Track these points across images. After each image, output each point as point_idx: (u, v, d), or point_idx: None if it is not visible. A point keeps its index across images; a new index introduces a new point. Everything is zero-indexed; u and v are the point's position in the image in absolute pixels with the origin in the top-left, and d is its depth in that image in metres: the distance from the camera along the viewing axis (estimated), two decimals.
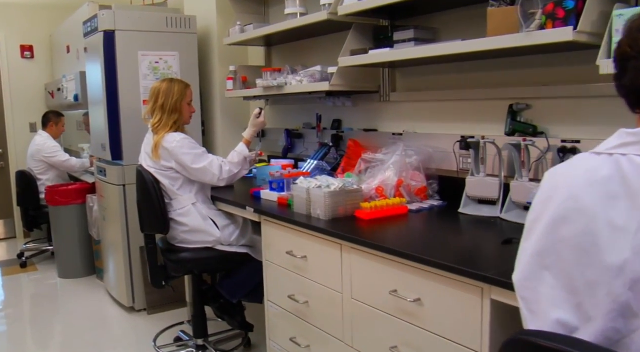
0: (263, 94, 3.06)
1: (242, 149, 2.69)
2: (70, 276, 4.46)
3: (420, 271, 1.60)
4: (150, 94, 2.64)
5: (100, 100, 3.52)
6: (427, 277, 1.59)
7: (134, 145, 3.44)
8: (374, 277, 1.78)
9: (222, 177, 2.56)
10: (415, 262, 1.61)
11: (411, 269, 1.63)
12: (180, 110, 2.63)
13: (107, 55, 3.41)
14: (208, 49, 3.81)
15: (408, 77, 2.65)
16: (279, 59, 3.56)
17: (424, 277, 1.60)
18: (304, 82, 2.71)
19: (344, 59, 2.45)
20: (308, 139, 3.23)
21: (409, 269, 1.64)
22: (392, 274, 1.70)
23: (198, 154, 2.54)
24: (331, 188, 2.07)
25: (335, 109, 3.08)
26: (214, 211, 2.65)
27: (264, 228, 2.35)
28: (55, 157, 4.73)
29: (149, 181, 2.53)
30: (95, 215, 4.11)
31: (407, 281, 1.66)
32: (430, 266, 1.55)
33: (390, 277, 1.71)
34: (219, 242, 2.59)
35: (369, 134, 2.80)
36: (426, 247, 1.73)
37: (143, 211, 2.64)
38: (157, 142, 2.53)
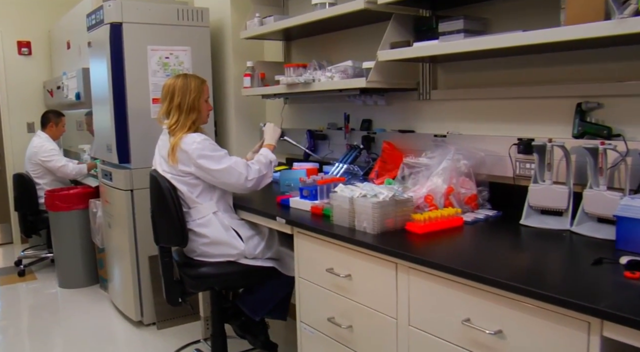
0: (286, 92, 2.81)
1: (267, 152, 2.44)
2: (72, 285, 4.19)
3: (502, 297, 1.36)
4: (164, 93, 2.38)
5: (106, 98, 3.26)
6: (510, 305, 1.34)
7: (142, 147, 3.20)
8: (439, 302, 1.54)
9: (250, 176, 2.30)
10: (495, 288, 1.36)
11: (490, 295, 1.39)
12: (198, 109, 2.38)
13: (113, 50, 3.15)
14: (221, 43, 3.56)
15: (451, 73, 2.41)
16: (299, 54, 3.31)
17: (506, 305, 1.35)
18: (335, 79, 2.46)
19: (384, 53, 2.20)
20: (333, 141, 2.98)
21: (487, 295, 1.39)
22: (464, 299, 1.46)
23: (220, 155, 2.29)
24: (380, 198, 1.82)
25: (365, 108, 2.83)
26: (236, 221, 2.39)
27: (298, 241, 2.10)
28: (50, 161, 4.45)
29: (165, 188, 2.27)
30: (98, 221, 3.85)
31: (483, 308, 1.41)
32: (518, 293, 1.30)
33: (461, 304, 1.47)
34: (243, 255, 2.34)
35: (405, 136, 2.56)
36: (502, 268, 1.48)
37: (158, 221, 2.38)
38: (174, 145, 2.27)
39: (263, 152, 2.44)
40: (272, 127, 2.58)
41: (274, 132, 2.56)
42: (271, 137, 2.53)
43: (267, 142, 2.51)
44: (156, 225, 2.40)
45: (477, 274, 1.39)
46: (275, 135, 2.55)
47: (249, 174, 2.30)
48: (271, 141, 2.52)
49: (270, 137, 2.53)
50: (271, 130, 2.56)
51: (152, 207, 2.43)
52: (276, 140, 2.55)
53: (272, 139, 2.53)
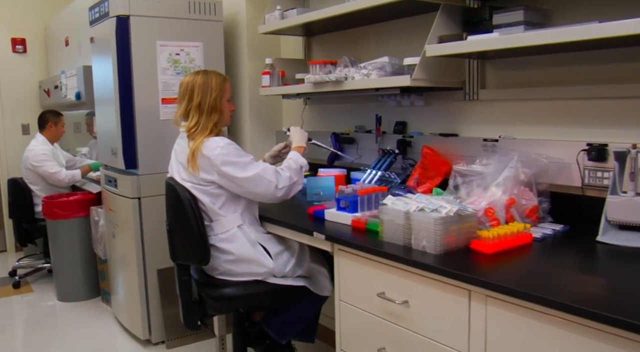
0: (312, 91, 2.56)
1: (297, 157, 2.18)
2: (71, 298, 3.92)
3: (623, 339, 1.11)
4: (182, 91, 2.13)
5: (110, 98, 2.99)
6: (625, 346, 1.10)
7: (150, 151, 2.95)
8: (530, 340, 1.29)
9: (280, 184, 2.05)
10: (609, 326, 1.12)
11: (604, 335, 1.14)
12: (220, 109, 2.13)
13: (119, 45, 2.88)
14: (235, 39, 3.30)
15: (503, 71, 2.17)
16: (321, 51, 3.06)
17: (630, 349, 1.11)
18: (372, 76, 2.22)
19: (433, 47, 1.96)
20: (362, 145, 2.73)
21: (599, 334, 1.15)
22: (566, 339, 1.22)
23: (246, 161, 2.03)
24: (442, 212, 1.58)
25: (399, 109, 2.58)
26: (264, 235, 2.14)
27: (339, 260, 1.85)
28: (42, 167, 4.11)
29: (184, 199, 2.02)
30: (101, 230, 3.57)
31: (588, 349, 1.17)
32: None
33: (562, 344, 1.23)
34: (272, 273, 2.09)
35: (447, 140, 2.32)
36: (605, 299, 1.24)
37: (176, 236, 2.13)
38: (194, 150, 2.02)
39: (292, 156, 2.19)
40: (299, 130, 2.33)
41: (302, 134, 2.32)
42: (300, 139, 2.29)
43: (296, 144, 2.26)
44: (173, 240, 2.14)
45: (586, 308, 1.14)
46: (303, 137, 2.31)
47: (279, 182, 2.05)
48: (301, 143, 2.27)
49: (300, 139, 2.29)
50: (299, 133, 2.32)
51: (168, 220, 2.17)
52: (305, 142, 2.30)
53: (301, 141, 2.28)
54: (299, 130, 2.32)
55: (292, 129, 2.34)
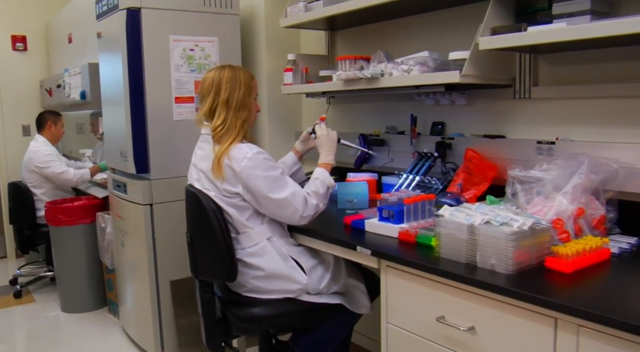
0: (342, 89, 2.35)
1: (325, 176, 1.96)
2: (76, 309, 3.70)
3: None
4: (206, 87, 1.92)
5: (120, 97, 2.79)
6: None
7: (163, 154, 2.76)
8: None
9: (305, 213, 1.84)
10: None
11: None
12: (249, 108, 1.92)
13: (130, 40, 2.68)
14: (252, 34, 3.10)
15: (558, 66, 1.97)
16: (346, 46, 2.86)
17: None
18: (414, 72, 2.01)
19: (487, 40, 1.75)
20: (394, 147, 2.53)
21: None
22: None
23: (276, 177, 1.82)
24: (514, 226, 1.38)
25: (437, 109, 2.38)
26: (295, 248, 1.94)
27: (387, 278, 1.65)
28: (48, 168, 3.92)
29: (209, 209, 1.81)
30: (108, 238, 3.36)
31: None
32: None
33: None
34: (305, 290, 1.88)
35: (494, 142, 2.12)
36: None
37: (198, 249, 1.92)
38: (220, 157, 1.81)
39: (320, 175, 1.95)
40: (327, 132, 2.08)
41: (330, 138, 2.08)
42: (329, 150, 2.04)
43: (325, 160, 2.02)
44: (195, 253, 1.94)
45: None
46: (333, 143, 2.07)
47: (304, 211, 1.84)
48: (329, 157, 2.03)
49: (329, 150, 2.04)
50: (327, 137, 2.07)
51: (189, 231, 1.96)
52: (335, 153, 2.07)
53: (330, 153, 2.04)
54: (326, 133, 2.08)
55: (319, 131, 2.10)
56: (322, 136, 2.06)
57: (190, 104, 2.83)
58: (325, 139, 2.05)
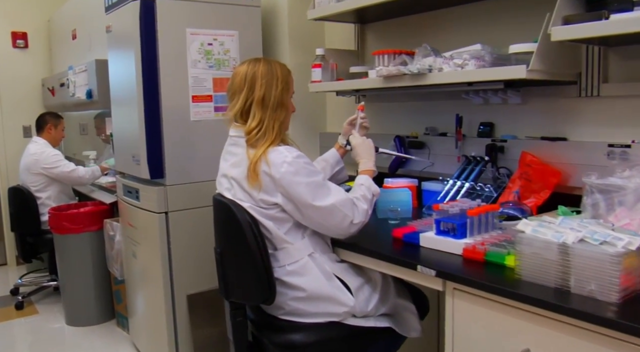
0: (381, 86, 2.14)
1: (370, 183, 1.76)
2: (82, 322, 3.48)
3: None
4: (237, 82, 1.69)
5: (131, 96, 2.57)
6: None
7: (180, 157, 2.55)
8: None
9: (356, 219, 1.63)
10: None
11: None
12: (286, 107, 1.71)
13: (144, 34, 2.46)
14: (274, 27, 2.88)
15: (632, 60, 1.75)
16: (377, 41, 2.64)
17: None
18: (469, 67, 1.79)
19: (562, 30, 1.53)
20: (435, 150, 2.31)
21: None
22: None
23: (318, 183, 1.61)
24: (618, 245, 1.16)
25: (485, 108, 2.16)
26: (339, 265, 1.72)
27: (455, 303, 1.43)
28: (57, 167, 3.74)
29: (244, 222, 1.59)
30: (117, 247, 3.14)
31: None
32: None
33: None
34: (352, 313, 1.67)
35: (554, 145, 1.90)
36: None
37: (230, 267, 1.70)
38: (256, 162, 1.59)
39: (365, 182, 1.75)
40: (363, 140, 1.89)
41: (367, 146, 1.88)
42: (369, 157, 1.85)
43: (366, 167, 1.82)
44: (226, 273, 1.71)
45: None
46: (371, 150, 1.87)
47: (355, 217, 1.63)
48: (370, 164, 1.83)
49: (368, 155, 1.85)
50: (364, 145, 1.87)
51: (219, 247, 1.74)
52: (374, 160, 1.87)
53: (370, 160, 1.84)
54: (362, 141, 1.88)
55: (354, 140, 1.90)
56: (358, 145, 1.86)
57: (209, 103, 2.61)
58: (361, 148, 1.85)
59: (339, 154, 2.03)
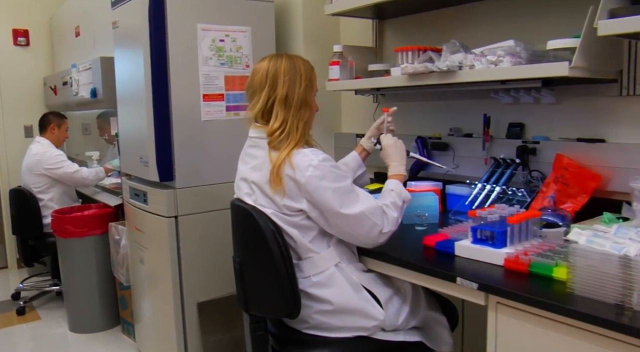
0: (405, 85, 2.02)
1: (401, 188, 1.64)
2: (85, 328, 3.36)
3: None
4: (258, 79, 1.58)
5: (139, 95, 2.46)
6: None
7: (190, 159, 2.45)
8: None
9: (386, 228, 1.53)
10: None
11: None
12: (310, 106, 1.60)
13: (154, 29, 2.35)
14: (288, 23, 2.77)
15: None
16: (396, 37, 2.53)
17: None
18: (504, 64, 1.68)
19: (610, 24, 1.42)
20: (459, 152, 2.21)
21: None
22: None
23: (346, 189, 1.50)
24: None
25: (515, 108, 2.05)
26: (367, 275, 1.61)
27: (499, 318, 1.32)
28: (60, 168, 3.63)
29: (267, 230, 1.48)
30: (122, 251, 3.03)
31: None
32: None
33: None
34: (381, 326, 1.56)
35: (590, 147, 1.79)
36: None
37: (251, 279, 1.59)
38: (279, 165, 1.48)
39: (395, 187, 1.63)
40: (394, 141, 1.77)
41: (399, 148, 1.76)
42: (400, 160, 1.73)
43: (396, 171, 1.70)
44: (246, 284, 1.60)
45: None
46: (402, 155, 1.76)
47: (384, 225, 1.52)
48: (400, 168, 1.71)
49: (399, 160, 1.73)
50: (395, 147, 1.75)
51: (239, 257, 1.63)
52: (405, 164, 1.75)
53: (400, 163, 1.72)
54: (394, 142, 1.76)
55: (385, 140, 1.78)
56: (389, 146, 1.74)
57: (220, 102, 2.50)
58: (392, 149, 1.73)
59: (360, 158, 1.92)
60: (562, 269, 1.27)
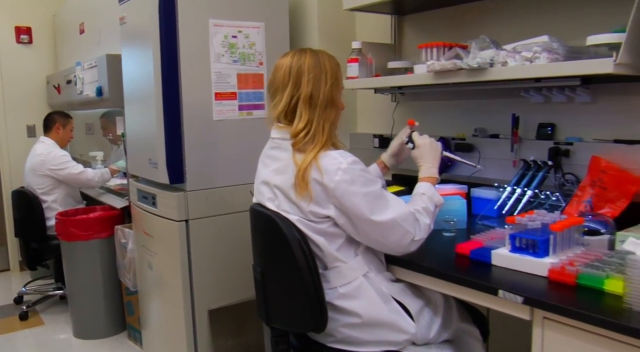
0: (431, 83, 1.92)
1: (433, 192, 1.54)
2: (90, 334, 3.27)
3: None
4: (280, 76, 1.48)
5: (148, 94, 2.36)
6: None
7: (202, 160, 2.36)
8: None
9: (418, 236, 1.43)
10: None
11: None
12: (337, 105, 1.50)
13: (164, 24, 2.25)
14: (302, 19, 2.67)
15: None
16: (416, 33, 2.43)
17: None
18: (541, 60, 1.58)
19: None
20: (485, 153, 2.11)
21: None
22: None
23: (377, 193, 1.40)
24: None
25: (545, 107, 1.95)
26: (396, 285, 1.51)
27: (544, 334, 1.22)
28: (65, 169, 3.53)
29: (292, 239, 1.38)
30: (129, 255, 2.93)
31: None
32: None
33: None
34: (412, 340, 1.46)
35: (629, 149, 1.69)
36: None
37: (274, 290, 1.49)
38: (305, 169, 1.38)
39: (427, 191, 1.53)
40: (431, 141, 1.66)
41: (434, 149, 1.65)
42: (433, 162, 1.62)
43: (429, 173, 1.59)
44: (268, 295, 1.50)
45: None
46: (437, 156, 1.64)
47: (416, 233, 1.43)
48: (433, 170, 1.60)
49: (431, 162, 1.61)
50: (430, 148, 1.64)
51: (259, 266, 1.53)
52: (438, 166, 1.64)
53: (434, 165, 1.61)
54: (430, 142, 1.65)
55: (420, 139, 1.66)
56: (424, 145, 1.63)
57: (232, 101, 2.41)
58: (427, 149, 1.62)
59: (379, 170, 1.82)
60: (615, 281, 1.17)
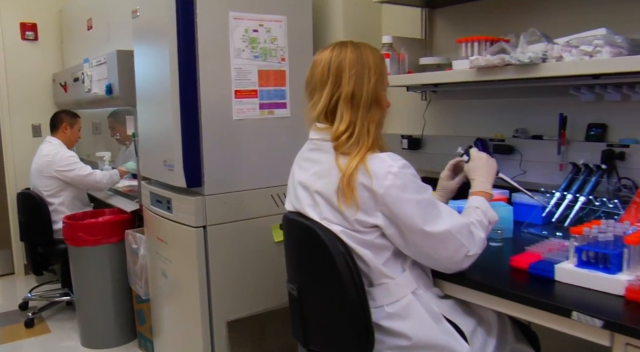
0: (472, 80, 1.78)
1: (487, 207, 1.40)
2: (99, 343, 3.12)
3: None
4: (319, 73, 1.34)
5: (164, 91, 2.23)
6: None
7: (221, 162, 2.22)
8: None
9: (472, 251, 1.29)
10: None
11: None
12: (381, 104, 1.36)
13: (181, 17, 2.11)
14: (326, 12, 2.54)
15: None
16: (446, 28, 2.30)
17: None
18: (602, 55, 1.44)
19: None
20: (528, 156, 1.97)
21: None
22: None
23: (429, 202, 1.27)
24: None
25: (594, 107, 1.81)
26: (445, 302, 1.37)
27: None
28: (73, 170, 3.40)
29: (336, 252, 1.24)
30: (141, 261, 2.79)
31: None
32: None
33: None
34: None
35: None
36: None
37: (313, 309, 1.35)
38: (351, 173, 1.24)
39: (481, 205, 1.39)
40: (488, 157, 1.53)
41: (490, 165, 1.51)
42: (488, 177, 1.49)
43: (482, 187, 1.47)
44: (305, 314, 1.36)
45: None
46: (492, 172, 1.51)
47: (471, 247, 1.29)
48: (487, 185, 1.48)
49: (487, 177, 1.49)
50: (489, 164, 1.51)
51: (295, 281, 1.39)
52: (493, 183, 1.51)
53: (488, 180, 1.49)
54: (487, 157, 1.52)
55: (476, 154, 1.53)
56: (481, 158, 1.51)
57: (253, 99, 2.27)
58: (484, 162, 1.50)
59: None
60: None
